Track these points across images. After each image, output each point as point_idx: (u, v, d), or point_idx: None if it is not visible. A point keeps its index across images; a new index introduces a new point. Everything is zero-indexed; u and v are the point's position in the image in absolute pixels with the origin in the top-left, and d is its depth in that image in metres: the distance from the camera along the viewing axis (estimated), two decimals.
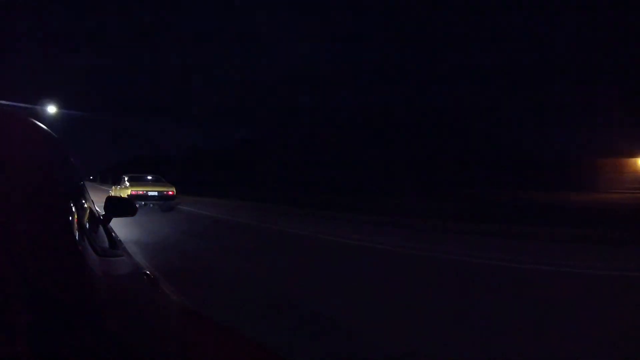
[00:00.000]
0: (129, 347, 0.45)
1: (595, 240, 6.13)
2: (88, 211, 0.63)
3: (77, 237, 0.46)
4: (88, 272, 0.44)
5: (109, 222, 1.58)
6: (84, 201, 0.61)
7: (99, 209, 1.15)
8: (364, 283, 4.00)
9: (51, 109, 16.88)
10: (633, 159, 24.26)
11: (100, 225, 0.80)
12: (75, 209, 0.50)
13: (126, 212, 1.65)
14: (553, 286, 3.82)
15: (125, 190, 11.91)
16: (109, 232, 1.03)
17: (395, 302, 3.31)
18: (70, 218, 0.47)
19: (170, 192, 12.39)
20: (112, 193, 13.21)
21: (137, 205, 1.73)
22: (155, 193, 12.09)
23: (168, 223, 9.08)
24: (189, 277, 4.09)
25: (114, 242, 0.95)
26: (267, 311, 3.00)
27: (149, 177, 13.67)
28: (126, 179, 13.01)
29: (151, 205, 12.05)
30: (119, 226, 7.39)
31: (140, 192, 11.82)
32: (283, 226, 8.81)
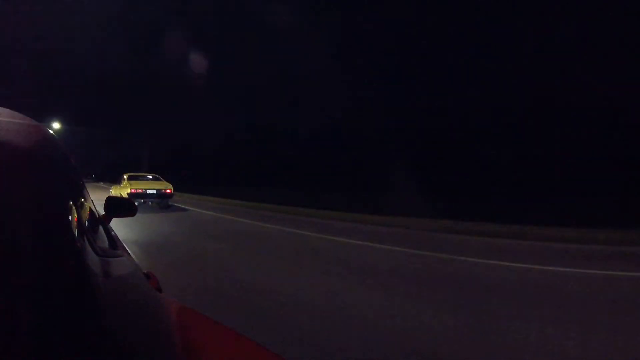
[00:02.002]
0: (129, 347, 0.45)
1: None
2: (88, 211, 0.63)
3: (76, 237, 0.46)
4: (88, 272, 0.44)
5: (109, 222, 1.58)
6: (83, 201, 0.61)
7: (99, 208, 1.16)
8: None
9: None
10: None
11: (100, 225, 0.79)
12: (75, 208, 0.50)
13: (126, 212, 1.65)
14: None
15: (125, 189, 12.04)
16: (109, 232, 1.03)
17: None
18: (70, 218, 0.47)
19: (168, 190, 12.62)
20: (113, 192, 13.31)
21: (136, 204, 1.74)
22: (154, 191, 12.29)
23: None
24: None
25: (114, 242, 0.95)
26: None
27: (148, 176, 13.84)
28: (126, 177, 13.11)
29: (150, 203, 12.21)
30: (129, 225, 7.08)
31: (140, 191, 11.99)
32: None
